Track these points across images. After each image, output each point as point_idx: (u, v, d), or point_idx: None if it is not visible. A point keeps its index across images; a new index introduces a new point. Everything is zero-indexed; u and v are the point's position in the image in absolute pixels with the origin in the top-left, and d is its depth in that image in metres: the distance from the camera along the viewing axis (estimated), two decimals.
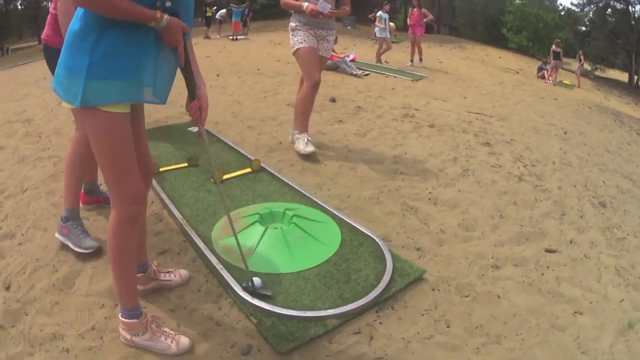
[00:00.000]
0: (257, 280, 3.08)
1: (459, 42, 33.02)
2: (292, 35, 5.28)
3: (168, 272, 3.13)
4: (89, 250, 3.56)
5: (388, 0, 16.23)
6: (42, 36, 3.61)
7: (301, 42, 5.15)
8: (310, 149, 5.27)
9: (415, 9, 15.89)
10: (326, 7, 4.97)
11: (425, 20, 15.66)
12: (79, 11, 2.17)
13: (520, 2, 42.54)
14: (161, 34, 2.21)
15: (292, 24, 5.27)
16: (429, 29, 21.86)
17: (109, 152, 2.28)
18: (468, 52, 25.61)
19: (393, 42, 16.81)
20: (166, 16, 2.17)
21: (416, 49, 15.60)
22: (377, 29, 16.01)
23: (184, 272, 3.18)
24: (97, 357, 2.58)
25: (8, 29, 54.23)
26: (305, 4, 4.97)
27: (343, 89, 9.87)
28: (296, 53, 5.25)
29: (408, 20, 16.32)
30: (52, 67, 2.97)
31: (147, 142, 2.74)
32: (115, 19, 2.11)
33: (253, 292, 3.00)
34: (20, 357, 2.63)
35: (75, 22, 2.18)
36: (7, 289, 3.26)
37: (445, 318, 2.88)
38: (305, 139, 5.38)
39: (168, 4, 2.20)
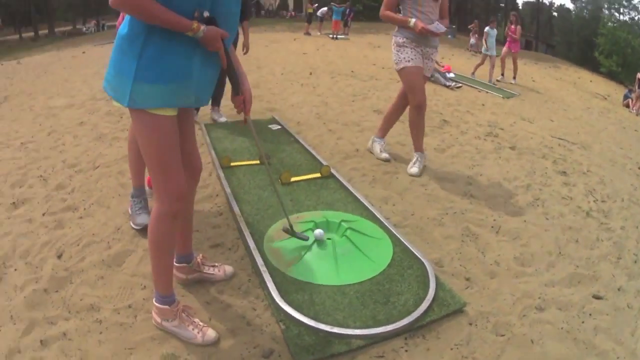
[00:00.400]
0: (318, 232, 3.59)
1: (554, 61, 32.26)
2: (398, 52, 5.27)
3: (213, 266, 3.37)
4: (138, 227, 3.96)
5: (494, 15, 16.10)
6: (117, 24, 3.95)
7: (408, 61, 5.17)
8: (413, 170, 5.42)
9: (512, 25, 15.72)
10: (440, 29, 4.99)
11: (514, 36, 15.48)
12: (128, 15, 2.39)
13: (612, 25, 41.47)
14: (200, 43, 2.39)
15: (399, 39, 5.23)
16: (528, 45, 21.44)
17: (154, 152, 2.52)
18: (561, 73, 24.83)
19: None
20: (203, 27, 2.34)
21: (507, 65, 15.52)
22: (483, 46, 15.86)
23: (228, 269, 3.41)
24: (126, 332, 2.87)
25: (105, 5, 56.76)
26: (413, 20, 4.96)
27: (433, 100, 9.92)
28: (402, 71, 5.28)
29: (505, 34, 16.16)
30: None
31: (195, 141, 2.96)
32: (160, 27, 2.30)
33: (292, 234, 3.43)
34: (56, 320, 2.99)
35: (124, 26, 2.41)
36: (59, 257, 3.64)
37: (474, 356, 2.88)
38: (415, 158, 5.55)
39: (206, 13, 2.37)
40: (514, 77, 15.49)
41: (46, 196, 4.68)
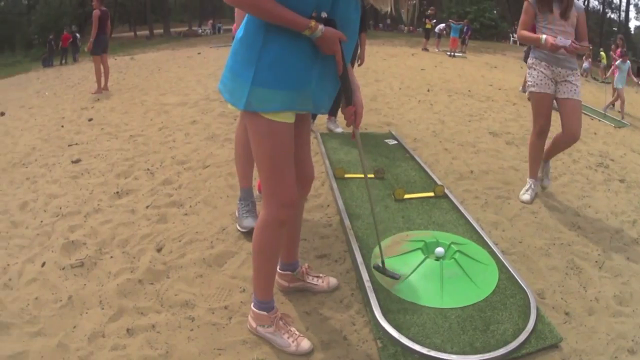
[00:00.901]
0: (439, 250, 3.62)
1: None
2: (529, 74, 5.21)
3: (317, 276, 3.37)
4: (244, 230, 4.01)
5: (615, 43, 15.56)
6: (233, 28, 4.03)
7: (533, 86, 5.08)
8: (525, 197, 5.31)
9: (618, 49, 15.09)
10: (563, 42, 4.78)
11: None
12: (245, 18, 2.41)
13: None
14: (317, 44, 2.37)
15: (530, 60, 5.17)
16: (639, 72, 20.43)
17: (267, 158, 2.52)
18: None
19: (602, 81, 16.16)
20: (321, 26, 2.31)
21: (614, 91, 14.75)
22: (615, 78, 15.23)
23: (332, 281, 3.40)
24: (218, 333, 2.91)
25: (221, 8, 58.62)
26: (544, 37, 4.83)
27: None
28: (530, 95, 5.25)
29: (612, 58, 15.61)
30: None
31: (310, 150, 2.96)
32: (280, 29, 2.30)
33: (383, 272, 3.33)
34: (146, 311, 3.08)
35: (241, 30, 2.43)
36: (159, 250, 3.76)
37: None
38: (528, 185, 5.44)
39: (324, 14, 2.35)
40: (613, 104, 14.62)
41: (151, 189, 4.85)
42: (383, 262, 3.38)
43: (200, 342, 2.83)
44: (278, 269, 3.17)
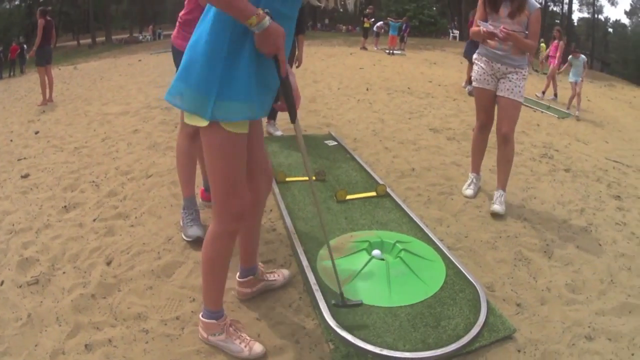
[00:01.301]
0: (376, 253, 3.62)
1: (609, 79, 31.20)
2: (473, 69, 5.30)
3: (272, 272, 3.43)
4: (189, 239, 3.98)
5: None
6: (172, 36, 4.02)
7: (475, 80, 5.15)
8: (468, 192, 5.36)
9: (555, 40, 15.45)
10: (487, 25, 4.74)
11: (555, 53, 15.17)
12: (204, 31, 2.32)
13: None
14: (260, 39, 2.25)
15: (474, 56, 5.22)
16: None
17: (220, 169, 2.50)
18: (617, 92, 24.03)
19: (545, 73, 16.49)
20: (268, 17, 2.20)
21: (551, 82, 15.20)
22: (570, 74, 15.46)
23: (285, 272, 3.48)
24: (172, 344, 2.89)
25: (162, 15, 58.17)
26: (481, 27, 4.80)
27: None
28: (474, 89, 5.30)
29: (547, 50, 15.96)
30: (176, 65, 3.45)
31: (265, 151, 2.94)
32: (243, 39, 2.28)
33: (344, 305, 3.14)
34: (102, 326, 3.05)
35: (201, 39, 2.33)
36: (108, 264, 3.72)
37: None
38: (470, 180, 5.49)
39: (266, 10, 2.25)
40: (543, 92, 15.16)
41: (98, 202, 4.79)
42: (342, 294, 3.15)
43: (155, 354, 2.82)
44: (238, 278, 3.20)
